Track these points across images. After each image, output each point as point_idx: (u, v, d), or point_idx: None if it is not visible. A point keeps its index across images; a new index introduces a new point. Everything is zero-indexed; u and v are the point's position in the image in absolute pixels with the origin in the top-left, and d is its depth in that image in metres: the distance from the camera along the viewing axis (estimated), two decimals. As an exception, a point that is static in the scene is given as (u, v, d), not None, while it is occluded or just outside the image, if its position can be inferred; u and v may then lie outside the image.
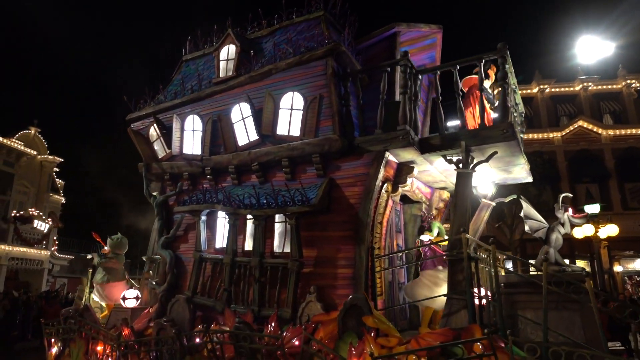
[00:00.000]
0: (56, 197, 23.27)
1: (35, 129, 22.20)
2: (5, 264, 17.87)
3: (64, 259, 21.51)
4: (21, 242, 18.33)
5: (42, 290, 18.09)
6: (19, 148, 20.20)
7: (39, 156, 22.00)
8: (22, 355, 13.36)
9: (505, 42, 5.69)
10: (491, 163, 6.02)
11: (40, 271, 19.70)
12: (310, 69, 6.06)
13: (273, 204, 5.62)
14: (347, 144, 5.65)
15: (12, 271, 18.92)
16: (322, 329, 5.06)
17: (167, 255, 6.79)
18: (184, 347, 5.57)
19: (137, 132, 7.44)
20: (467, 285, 5.03)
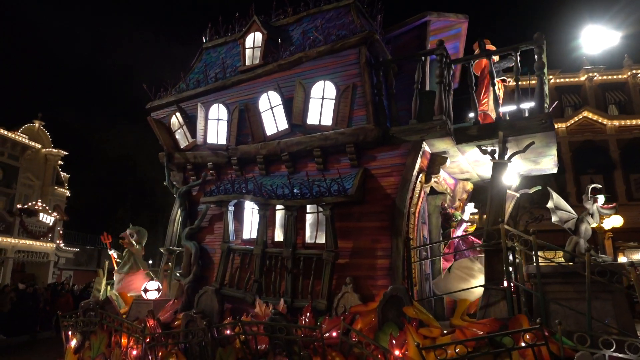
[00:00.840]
0: (61, 190, 23.29)
1: (39, 122, 22.31)
2: (12, 257, 17.95)
3: (69, 252, 21.47)
4: (27, 235, 18.41)
5: (49, 282, 18.01)
6: (23, 141, 20.34)
7: (44, 149, 22.11)
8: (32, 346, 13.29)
9: (542, 32, 5.65)
10: (521, 154, 6.01)
11: (46, 264, 19.67)
12: (342, 58, 5.94)
13: (307, 194, 5.53)
14: (382, 133, 5.58)
15: (18, 264, 18.95)
16: (360, 320, 5.01)
17: (192, 247, 6.67)
18: (215, 339, 5.49)
19: (158, 120, 7.27)
20: (507, 276, 5.03)
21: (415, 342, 4.28)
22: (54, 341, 14.39)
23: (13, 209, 18.75)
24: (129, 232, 8.17)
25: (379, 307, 4.90)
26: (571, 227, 5.82)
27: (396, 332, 4.70)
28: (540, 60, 5.62)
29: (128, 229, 8.22)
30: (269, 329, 5.13)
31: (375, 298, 5.14)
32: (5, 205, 19.40)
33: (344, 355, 4.82)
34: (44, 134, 22.55)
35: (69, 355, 7.10)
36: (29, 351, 12.60)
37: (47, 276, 19.52)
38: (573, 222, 5.82)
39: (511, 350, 3.97)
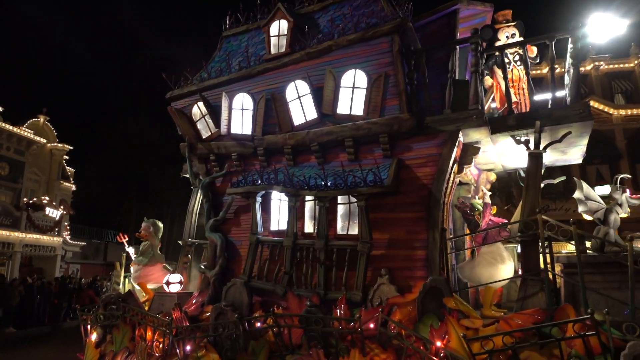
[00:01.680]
0: (67, 184, 23.46)
1: (44, 117, 22.39)
2: (19, 251, 18.03)
3: (76, 245, 21.58)
4: (34, 229, 18.50)
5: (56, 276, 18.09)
6: (28, 136, 20.34)
7: (49, 144, 22.21)
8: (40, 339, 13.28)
9: (577, 22, 5.57)
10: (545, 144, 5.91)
11: (53, 257, 19.76)
12: (374, 46, 5.82)
13: (342, 185, 5.44)
14: (416, 123, 5.49)
15: (26, 258, 19.07)
16: (398, 312, 4.96)
17: (218, 239, 6.58)
18: (247, 332, 5.42)
19: (179, 110, 7.12)
20: (545, 266, 5.00)
21: (460, 334, 4.24)
22: (63, 333, 14.49)
23: (20, 203, 18.84)
24: (144, 225, 8.06)
25: (418, 298, 4.85)
26: (600, 217, 5.80)
27: (436, 324, 4.66)
28: (575, 50, 5.54)
29: (144, 222, 8.11)
30: (304, 321, 5.07)
31: (412, 289, 5.09)
32: (12, 200, 19.58)
33: (382, 347, 4.78)
34: (49, 129, 22.60)
35: (90, 349, 7.00)
36: (38, 343, 12.64)
37: (55, 270, 19.59)
38: (602, 212, 5.80)
39: (561, 340, 3.94)
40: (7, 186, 19.56)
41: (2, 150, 19.15)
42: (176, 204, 25.45)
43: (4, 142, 19.38)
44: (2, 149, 19.22)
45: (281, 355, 5.17)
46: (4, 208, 17.38)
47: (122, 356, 6.50)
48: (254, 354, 5.34)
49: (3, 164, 19.14)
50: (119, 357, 6.53)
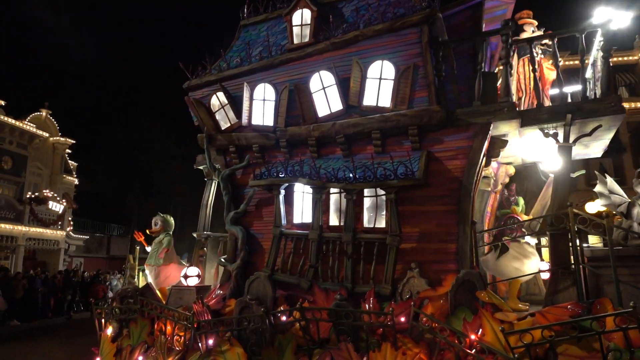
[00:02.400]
0: (69, 178, 23.58)
1: (46, 111, 22.51)
2: (23, 244, 18.12)
3: (79, 239, 21.66)
4: (37, 223, 18.60)
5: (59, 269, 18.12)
6: (31, 130, 20.47)
7: (51, 138, 22.30)
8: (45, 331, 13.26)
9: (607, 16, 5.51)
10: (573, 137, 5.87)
11: (56, 251, 19.84)
12: (402, 37, 5.71)
13: (371, 178, 5.37)
14: (446, 115, 5.42)
15: (29, 251, 19.15)
16: (430, 305, 4.92)
17: (239, 232, 6.49)
18: (273, 326, 5.36)
19: (198, 101, 6.98)
20: (576, 259, 4.98)
21: (499, 327, 4.21)
22: (67, 326, 14.48)
23: (23, 197, 18.87)
24: (153, 220, 7.94)
25: (451, 291, 4.80)
26: (623, 211, 5.79)
27: (470, 317, 4.62)
28: (606, 44, 5.48)
29: (154, 218, 7.99)
30: (333, 315, 5.02)
31: (442, 283, 5.04)
32: (15, 193, 19.63)
33: (414, 340, 4.74)
34: (51, 123, 22.64)
35: (106, 344, 6.90)
36: (42, 336, 12.61)
37: (58, 263, 19.66)
38: (625, 206, 5.79)
39: (602, 333, 3.92)
40: (10, 180, 19.64)
41: (4, 144, 19.26)
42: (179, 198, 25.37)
43: (6, 136, 19.45)
44: (5, 143, 19.32)
45: (308, 349, 5.12)
46: (7, 202, 17.40)
47: (140, 350, 6.41)
48: (280, 348, 5.28)
49: (6, 158, 19.25)
50: (136, 351, 6.44)
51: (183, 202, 26.36)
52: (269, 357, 5.26)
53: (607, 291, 5.06)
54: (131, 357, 6.45)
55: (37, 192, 19.40)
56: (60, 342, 11.70)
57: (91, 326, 15.04)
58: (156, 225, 7.69)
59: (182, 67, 7.20)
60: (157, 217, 7.84)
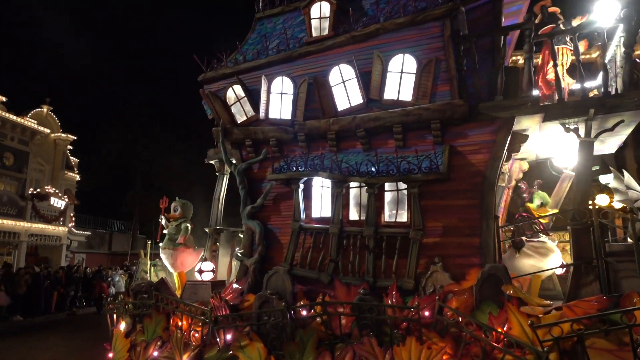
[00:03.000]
0: (71, 174, 23.60)
1: (47, 107, 22.50)
2: (25, 240, 18.13)
3: (81, 235, 21.67)
4: (39, 219, 18.60)
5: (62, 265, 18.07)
6: (32, 126, 20.49)
7: (52, 134, 22.31)
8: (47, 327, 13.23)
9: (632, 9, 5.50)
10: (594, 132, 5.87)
11: (59, 247, 19.85)
12: (424, 30, 5.68)
13: (394, 172, 5.34)
14: (468, 109, 5.40)
15: (31, 247, 19.16)
16: (454, 300, 4.91)
17: (257, 226, 6.44)
18: (294, 320, 5.33)
19: (213, 94, 6.91)
20: (599, 254, 4.99)
21: (528, 321, 4.21)
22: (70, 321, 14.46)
23: (25, 193, 18.92)
24: (173, 205, 7.86)
25: (476, 285, 4.79)
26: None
27: (495, 311, 4.62)
28: (630, 38, 5.48)
29: (173, 202, 7.91)
30: (356, 309, 5.00)
31: (466, 277, 5.04)
32: (17, 190, 19.68)
33: (439, 335, 4.73)
34: (52, 119, 22.61)
35: (119, 339, 6.83)
36: (45, 331, 12.58)
37: (61, 259, 19.64)
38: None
39: (632, 327, 3.93)
40: (12, 176, 19.71)
41: (6, 141, 19.26)
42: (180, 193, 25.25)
43: (8, 132, 19.45)
44: (7, 139, 19.33)
45: (330, 343, 5.10)
46: (10, 198, 17.39)
47: (155, 346, 6.35)
48: (301, 342, 5.24)
49: (7, 154, 19.28)
50: (151, 346, 6.37)
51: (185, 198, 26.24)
52: (290, 351, 5.23)
53: (624, 286, 5.08)
54: (146, 352, 6.38)
55: (38, 189, 19.48)
56: (62, 337, 11.69)
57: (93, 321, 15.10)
58: (175, 211, 7.62)
59: (197, 60, 7.12)
60: (177, 203, 7.77)
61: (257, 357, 5.38)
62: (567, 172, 7.15)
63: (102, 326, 13.44)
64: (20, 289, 14.18)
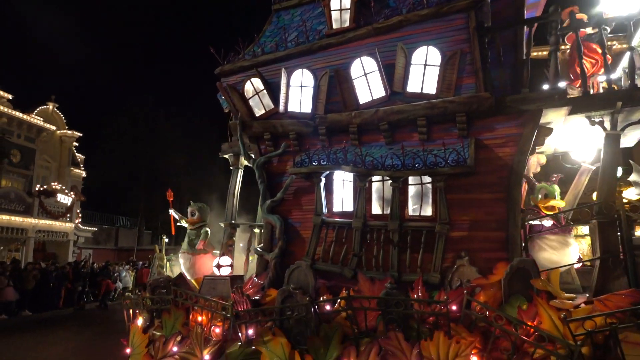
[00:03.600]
0: (77, 171, 23.76)
1: (53, 104, 22.49)
2: (32, 236, 18.26)
3: (88, 231, 21.81)
4: (46, 215, 18.78)
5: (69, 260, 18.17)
6: (38, 123, 20.58)
7: (58, 131, 22.42)
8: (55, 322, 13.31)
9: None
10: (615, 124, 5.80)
11: (66, 243, 19.97)
12: (448, 22, 5.61)
13: (420, 165, 5.29)
14: (495, 102, 5.34)
15: (39, 243, 19.29)
16: (482, 294, 4.88)
17: (277, 221, 6.39)
18: (318, 315, 5.30)
19: (231, 87, 6.84)
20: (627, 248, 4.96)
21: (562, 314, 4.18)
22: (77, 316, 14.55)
23: (32, 190, 19.03)
24: (190, 210, 7.80)
25: (505, 279, 4.76)
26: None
27: (525, 305, 4.60)
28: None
29: (189, 207, 7.86)
30: (383, 304, 4.96)
31: (493, 271, 5.00)
32: (24, 186, 19.76)
33: (467, 329, 4.70)
34: (58, 116, 22.66)
35: (137, 335, 6.78)
36: (53, 326, 12.68)
37: (68, 255, 19.77)
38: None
39: (669, 321, 3.90)
40: (18, 173, 19.77)
41: (13, 138, 19.34)
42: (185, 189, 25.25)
43: (14, 129, 19.54)
44: (13, 137, 19.41)
45: (355, 338, 5.06)
46: (17, 194, 17.50)
47: (174, 341, 6.31)
48: (326, 337, 5.20)
49: (14, 151, 19.40)
50: (171, 342, 6.33)
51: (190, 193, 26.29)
52: (315, 346, 5.19)
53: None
54: (165, 347, 6.34)
55: (45, 185, 19.56)
56: (71, 332, 11.84)
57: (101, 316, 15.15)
58: (193, 216, 7.56)
59: (213, 52, 7.05)
60: (194, 207, 7.71)
61: (281, 352, 5.33)
62: (585, 166, 7.11)
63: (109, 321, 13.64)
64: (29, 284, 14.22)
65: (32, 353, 9.26)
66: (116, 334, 11.35)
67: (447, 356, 4.56)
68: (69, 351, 9.57)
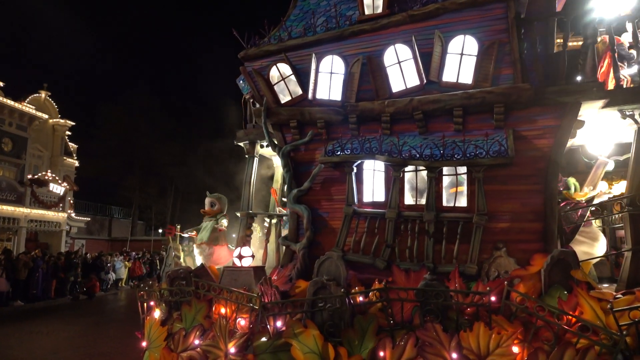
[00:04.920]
0: (70, 160, 23.23)
1: (45, 93, 22.06)
2: (25, 226, 17.85)
3: (80, 221, 21.32)
4: (39, 205, 18.31)
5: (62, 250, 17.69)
6: (30, 112, 20.12)
7: (51, 120, 21.92)
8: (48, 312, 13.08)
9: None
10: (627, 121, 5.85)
11: (58, 233, 19.51)
12: (486, 11, 5.54)
13: (459, 155, 5.23)
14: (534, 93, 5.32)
15: (31, 233, 18.84)
16: (522, 284, 4.89)
17: (304, 211, 6.26)
18: (352, 306, 5.22)
19: (257, 72, 6.63)
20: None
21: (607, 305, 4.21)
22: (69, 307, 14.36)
23: (24, 179, 18.58)
24: (209, 200, 7.58)
25: (545, 270, 4.76)
26: None
27: (565, 296, 4.62)
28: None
29: (207, 198, 7.64)
30: (421, 295, 4.91)
31: (530, 262, 5.00)
32: (16, 175, 19.35)
33: (507, 319, 4.71)
34: (51, 105, 22.11)
35: (155, 327, 6.56)
36: (45, 316, 12.54)
37: (60, 245, 19.32)
38: None
39: None
40: (10, 162, 19.31)
41: (4, 126, 18.84)
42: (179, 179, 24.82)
43: (6, 117, 19.01)
44: (5, 125, 18.90)
45: (391, 330, 5.01)
46: (9, 184, 17.00)
47: (195, 334, 6.14)
48: (360, 329, 5.12)
49: (6, 140, 18.89)
50: (192, 335, 6.13)
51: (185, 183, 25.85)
52: (349, 338, 5.11)
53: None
54: (186, 341, 6.14)
55: (37, 174, 19.07)
56: (63, 322, 11.70)
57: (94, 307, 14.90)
58: (213, 206, 7.35)
59: (237, 36, 6.81)
60: (212, 198, 7.50)
61: (313, 345, 5.22)
62: (602, 159, 7.20)
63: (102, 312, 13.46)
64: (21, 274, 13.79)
65: (25, 344, 9.08)
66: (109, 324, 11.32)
67: (488, 347, 4.54)
68: (62, 341, 9.41)
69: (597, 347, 4.11)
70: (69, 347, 8.86)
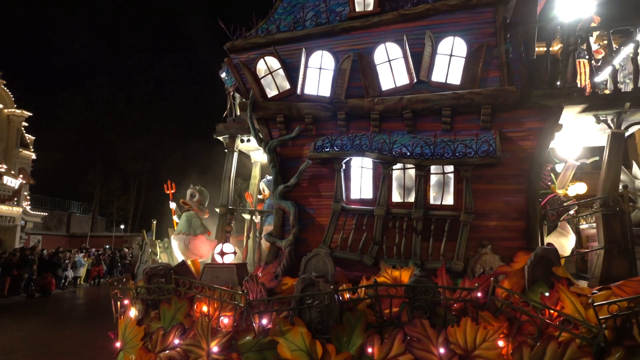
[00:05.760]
0: (26, 152, 21.49)
1: (0, 81, 19.61)
2: None
3: (37, 216, 19.79)
4: None
5: (16, 247, 16.36)
6: None
7: (6, 110, 20.31)
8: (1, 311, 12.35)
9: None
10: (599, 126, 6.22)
11: (12, 228, 18.16)
12: (476, 15, 5.67)
13: (449, 154, 5.32)
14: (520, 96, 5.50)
15: None
16: (506, 281, 5.04)
17: (291, 207, 6.14)
18: (341, 303, 5.19)
19: (244, 64, 6.42)
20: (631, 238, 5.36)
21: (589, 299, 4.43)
22: (23, 305, 13.54)
23: None
24: (190, 192, 7.30)
25: (529, 267, 4.94)
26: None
27: (547, 291, 4.81)
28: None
29: (189, 189, 7.35)
30: (410, 291, 4.96)
31: (514, 259, 5.18)
32: None
33: (493, 315, 4.84)
34: (6, 94, 20.43)
35: (130, 327, 6.22)
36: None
37: (15, 241, 17.94)
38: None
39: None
40: None
41: None
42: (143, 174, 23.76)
43: None
44: None
45: (379, 326, 5.03)
46: None
47: (175, 333, 5.88)
48: (349, 325, 5.11)
49: None
50: (171, 334, 5.86)
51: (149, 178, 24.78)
52: (337, 335, 5.07)
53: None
54: (165, 340, 5.86)
55: None
56: (17, 321, 11.15)
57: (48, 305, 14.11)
58: (194, 197, 7.06)
59: (222, 27, 6.57)
60: (193, 190, 7.21)
61: (301, 342, 5.14)
62: (570, 162, 7.61)
63: (57, 311, 12.72)
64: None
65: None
66: (65, 324, 10.76)
67: (475, 342, 4.65)
68: (15, 341, 8.93)
69: (578, 340, 4.30)
70: (23, 346, 8.42)
